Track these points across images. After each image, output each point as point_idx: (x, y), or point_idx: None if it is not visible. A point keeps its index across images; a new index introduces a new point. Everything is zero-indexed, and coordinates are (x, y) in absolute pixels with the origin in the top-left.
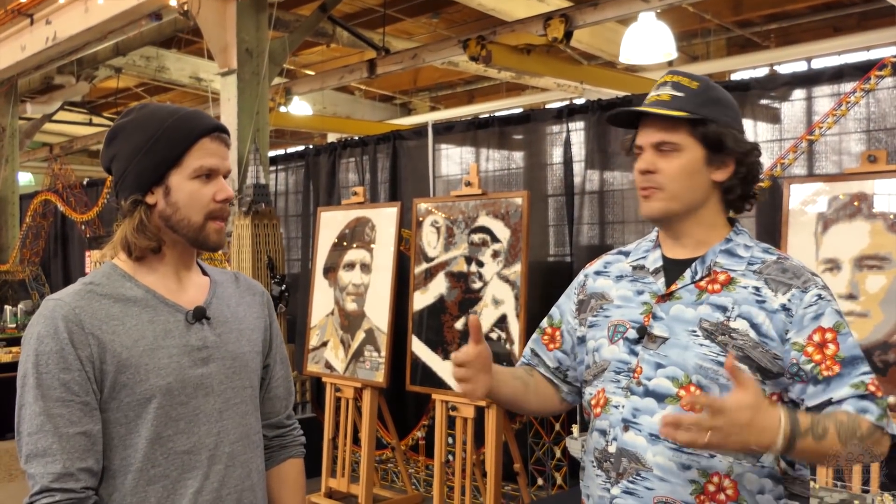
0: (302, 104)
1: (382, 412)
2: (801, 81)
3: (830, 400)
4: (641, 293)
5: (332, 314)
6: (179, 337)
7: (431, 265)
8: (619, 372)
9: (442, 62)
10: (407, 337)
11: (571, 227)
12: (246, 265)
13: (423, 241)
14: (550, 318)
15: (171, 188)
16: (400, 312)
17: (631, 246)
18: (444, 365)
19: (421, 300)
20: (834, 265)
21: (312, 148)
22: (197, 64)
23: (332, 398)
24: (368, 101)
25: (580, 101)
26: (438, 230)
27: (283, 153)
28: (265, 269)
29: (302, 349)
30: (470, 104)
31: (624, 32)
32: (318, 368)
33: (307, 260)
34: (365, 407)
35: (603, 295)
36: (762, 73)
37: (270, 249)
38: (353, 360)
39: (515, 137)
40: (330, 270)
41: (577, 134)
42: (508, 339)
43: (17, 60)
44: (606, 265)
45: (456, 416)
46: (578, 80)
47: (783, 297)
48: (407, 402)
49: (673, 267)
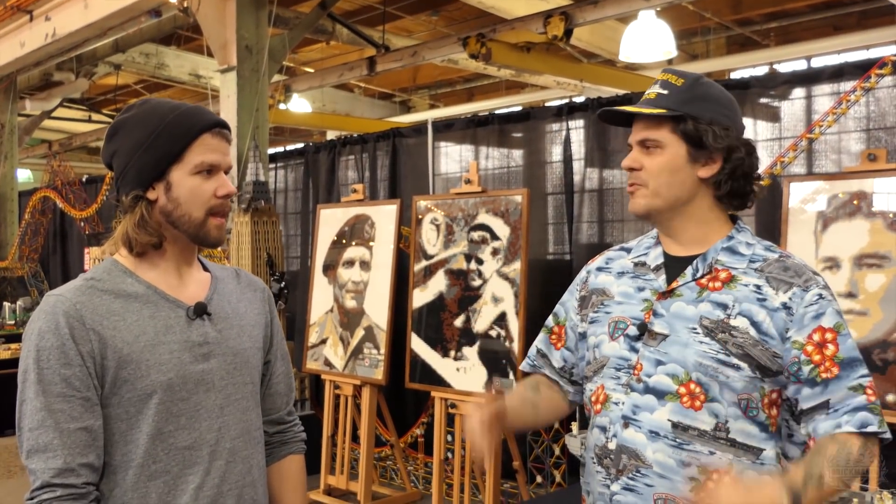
0: (301, 101)
1: (381, 409)
2: (800, 80)
3: (828, 402)
4: (642, 290)
5: (331, 311)
6: (180, 333)
7: (431, 263)
8: (619, 368)
9: (442, 60)
10: (406, 334)
11: (571, 225)
12: (245, 262)
13: (422, 238)
14: (556, 315)
15: (172, 184)
16: (399, 310)
17: (633, 242)
18: (443, 362)
19: (420, 298)
20: (833, 263)
21: (312, 145)
22: (196, 61)
23: (331, 395)
24: (368, 98)
25: (580, 99)
26: (438, 228)
27: (282, 150)
28: (264, 266)
29: (301, 346)
30: (469, 102)
31: (624, 30)
32: (317, 366)
33: (306, 257)
34: (364, 404)
35: (604, 291)
36: (762, 71)
37: (270, 246)
38: (352, 357)
39: (515, 135)
40: (329, 268)
41: (576, 132)
42: (508, 336)
43: (16, 57)
44: (608, 261)
45: (455, 413)
46: (578, 78)
47: (784, 295)
48: (406, 399)
49: (674, 264)
